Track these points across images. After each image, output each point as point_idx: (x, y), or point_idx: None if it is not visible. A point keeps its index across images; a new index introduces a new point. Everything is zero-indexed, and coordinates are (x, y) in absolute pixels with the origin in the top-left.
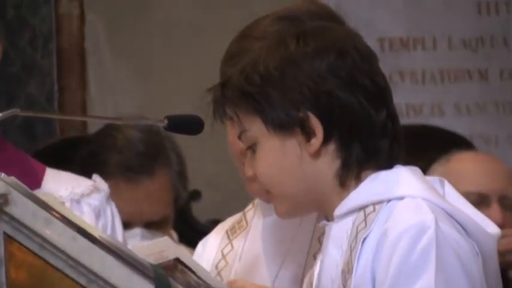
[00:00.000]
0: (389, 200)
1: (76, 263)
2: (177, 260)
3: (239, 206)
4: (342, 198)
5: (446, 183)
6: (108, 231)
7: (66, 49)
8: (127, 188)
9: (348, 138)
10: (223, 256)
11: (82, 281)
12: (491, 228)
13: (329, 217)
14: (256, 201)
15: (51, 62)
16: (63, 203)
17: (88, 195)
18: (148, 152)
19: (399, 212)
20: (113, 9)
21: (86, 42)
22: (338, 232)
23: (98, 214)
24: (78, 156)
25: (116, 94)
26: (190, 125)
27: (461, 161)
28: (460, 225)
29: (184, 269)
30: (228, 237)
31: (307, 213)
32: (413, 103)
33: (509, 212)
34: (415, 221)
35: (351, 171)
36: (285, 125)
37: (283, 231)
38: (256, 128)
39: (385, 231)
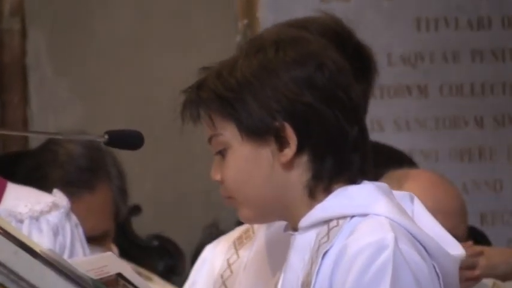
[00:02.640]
0: (353, 216)
1: (17, 278)
2: (119, 275)
3: (179, 220)
4: (309, 210)
5: (416, 199)
6: (67, 248)
7: (8, 65)
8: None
9: (321, 151)
10: (229, 265)
11: None
12: (455, 249)
13: (295, 227)
14: None
15: None
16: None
17: (48, 212)
18: (89, 166)
19: (360, 229)
20: (55, 25)
21: (28, 58)
22: (301, 243)
23: (56, 232)
24: (20, 171)
25: (57, 110)
26: (130, 140)
27: (416, 189)
28: (422, 245)
29: (127, 284)
30: (235, 247)
31: (272, 221)
32: None
33: None
34: (374, 239)
35: (321, 183)
36: (259, 132)
37: (283, 242)
38: (229, 133)
39: (344, 247)
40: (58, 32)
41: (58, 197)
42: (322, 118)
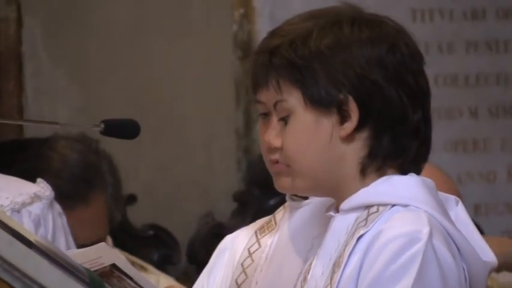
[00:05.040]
0: (393, 205)
1: (11, 268)
2: (114, 266)
3: (175, 210)
4: (358, 187)
5: (460, 203)
6: (49, 238)
7: (3, 53)
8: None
9: (380, 130)
10: (250, 254)
11: (17, 285)
12: (489, 256)
13: (339, 205)
14: (287, 203)
15: None
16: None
17: (29, 203)
18: (84, 176)
19: (398, 218)
20: (50, 13)
21: (23, 46)
22: (339, 225)
23: (38, 223)
24: (14, 172)
25: (52, 99)
26: (126, 129)
27: None
28: (456, 246)
29: (121, 275)
30: (256, 236)
31: (321, 196)
32: None
33: None
34: (408, 230)
35: (375, 162)
36: (323, 102)
37: (307, 230)
38: (294, 99)
39: (378, 233)
40: (54, 20)
41: (41, 187)
42: (387, 97)
